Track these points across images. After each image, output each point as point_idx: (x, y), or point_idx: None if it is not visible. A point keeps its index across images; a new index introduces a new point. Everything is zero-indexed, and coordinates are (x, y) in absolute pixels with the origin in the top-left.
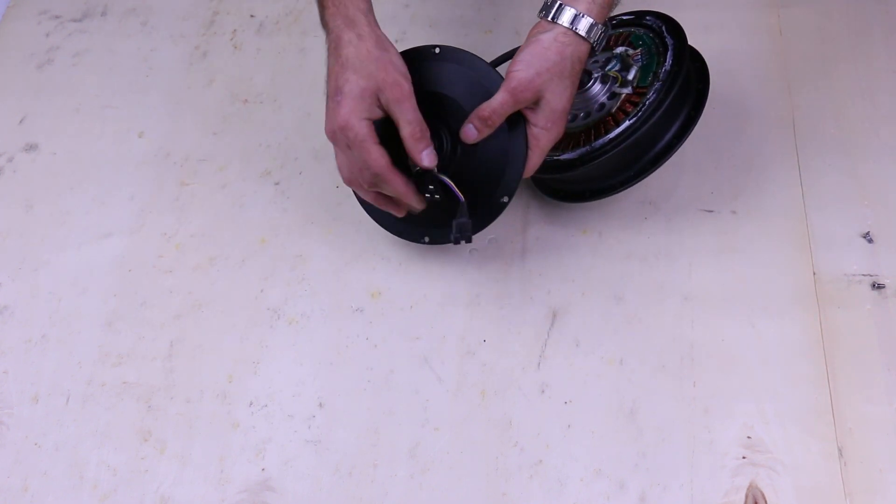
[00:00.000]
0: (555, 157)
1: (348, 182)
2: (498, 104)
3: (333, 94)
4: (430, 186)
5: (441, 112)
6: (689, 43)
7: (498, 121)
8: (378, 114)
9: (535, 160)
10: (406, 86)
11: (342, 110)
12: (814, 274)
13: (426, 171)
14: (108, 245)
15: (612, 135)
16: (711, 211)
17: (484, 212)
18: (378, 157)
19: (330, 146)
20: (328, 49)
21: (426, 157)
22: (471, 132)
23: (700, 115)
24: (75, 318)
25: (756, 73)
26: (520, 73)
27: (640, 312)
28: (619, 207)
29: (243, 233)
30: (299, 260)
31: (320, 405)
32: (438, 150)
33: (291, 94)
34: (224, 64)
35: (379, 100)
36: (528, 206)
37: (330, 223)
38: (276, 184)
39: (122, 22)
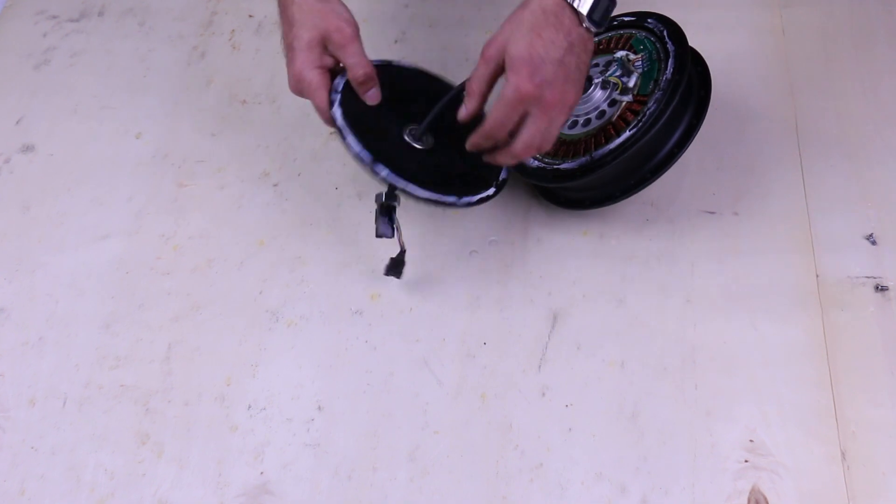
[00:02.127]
0: (555, 167)
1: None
2: (475, 71)
3: (287, 52)
4: (386, 218)
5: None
6: (691, 44)
7: (478, 88)
8: (329, 61)
9: (495, 114)
10: (348, 30)
11: (295, 64)
12: (817, 276)
13: (387, 206)
14: (105, 247)
15: (612, 145)
16: (713, 212)
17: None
18: (324, 103)
19: (327, 147)
20: (279, 14)
21: (369, 98)
22: (462, 109)
23: (701, 123)
24: (72, 320)
25: (758, 73)
26: (489, 36)
27: (642, 315)
28: (621, 209)
29: (242, 234)
30: (298, 262)
31: (319, 408)
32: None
33: (290, 94)
34: (222, 64)
35: (327, 48)
36: (528, 208)
37: (329, 225)
38: (275, 185)
39: (119, 22)
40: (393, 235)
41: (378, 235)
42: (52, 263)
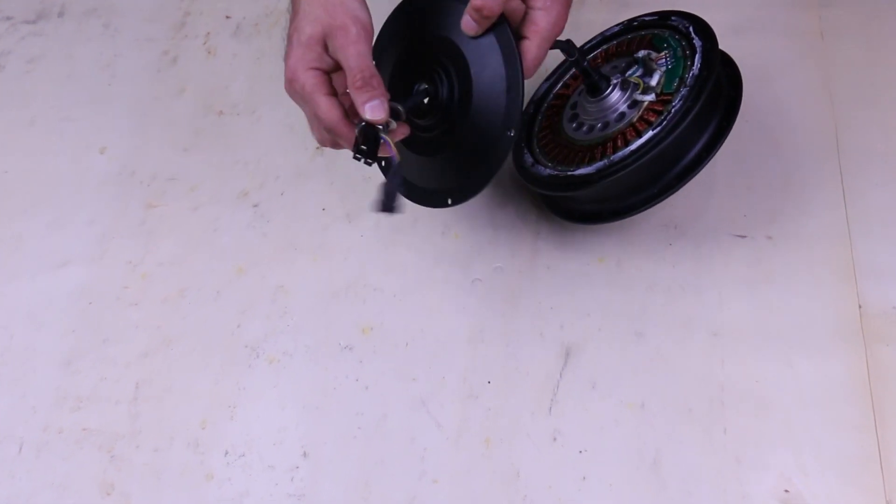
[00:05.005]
0: (568, 173)
1: (318, 141)
2: None
3: (286, 45)
4: (363, 147)
5: (444, 56)
6: (720, 47)
7: (494, 7)
8: (328, 63)
9: (534, 52)
10: (353, 30)
11: (290, 61)
12: (859, 307)
13: (368, 127)
14: (66, 274)
15: (632, 147)
16: (744, 236)
17: (493, 156)
18: (327, 109)
19: (314, 164)
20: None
21: (369, 110)
22: (469, 25)
23: (732, 125)
24: (29, 356)
25: (794, 81)
26: None
27: (664, 350)
28: (641, 232)
29: (218, 261)
30: (281, 291)
31: (304, 454)
32: (434, 95)
33: (272, 104)
34: (196, 71)
35: (328, 47)
36: (538, 231)
37: (315, 250)
38: (255, 206)
39: (81, 24)
40: (374, 160)
41: (356, 155)
42: (5, 293)
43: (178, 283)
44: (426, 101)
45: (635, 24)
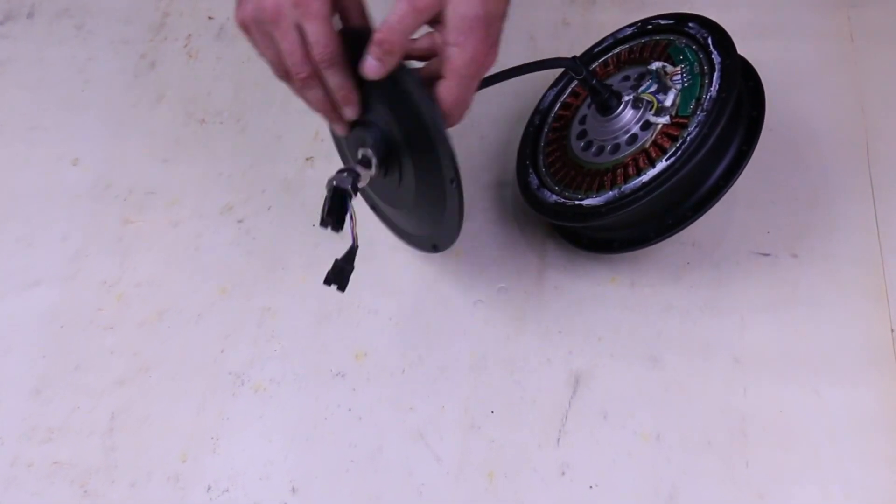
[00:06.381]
0: (576, 202)
1: (284, 74)
2: (395, 19)
3: None
4: (328, 217)
5: (379, 103)
6: (740, 52)
7: (398, 41)
8: None
9: (453, 93)
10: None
11: None
12: (892, 331)
13: (337, 190)
14: (36, 295)
15: (645, 178)
16: (768, 255)
17: (450, 207)
18: (332, 37)
19: (303, 176)
20: None
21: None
22: (370, 65)
23: (753, 150)
24: None
25: (822, 86)
26: None
27: (681, 377)
28: (656, 251)
29: (199, 281)
30: (268, 314)
31: (293, 490)
32: (380, 149)
33: (258, 112)
34: (176, 76)
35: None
36: (545, 249)
37: (304, 269)
38: (240, 221)
39: (52, 25)
40: (341, 228)
41: (322, 224)
42: None
43: (157, 305)
44: (375, 156)
45: (649, 27)
